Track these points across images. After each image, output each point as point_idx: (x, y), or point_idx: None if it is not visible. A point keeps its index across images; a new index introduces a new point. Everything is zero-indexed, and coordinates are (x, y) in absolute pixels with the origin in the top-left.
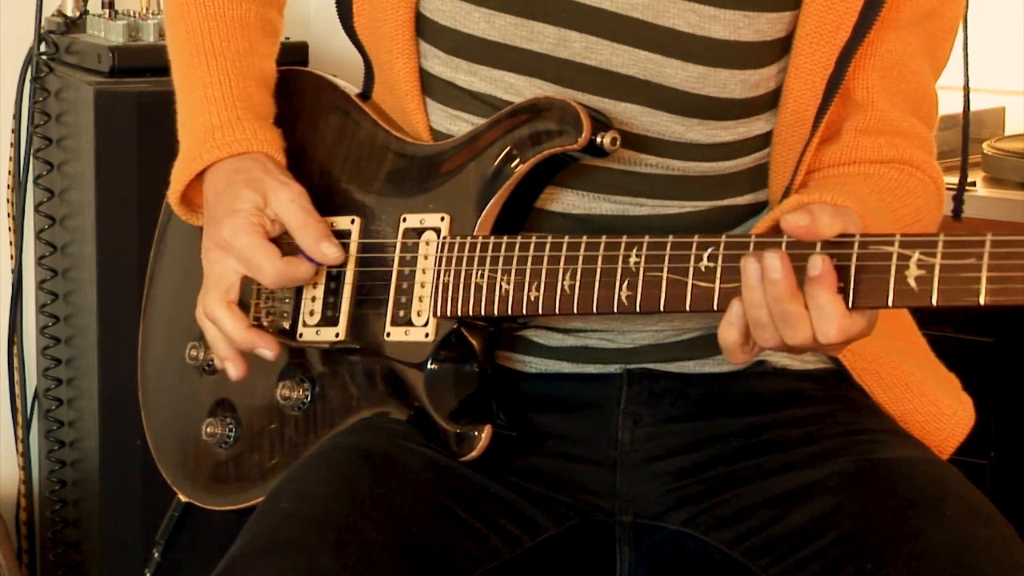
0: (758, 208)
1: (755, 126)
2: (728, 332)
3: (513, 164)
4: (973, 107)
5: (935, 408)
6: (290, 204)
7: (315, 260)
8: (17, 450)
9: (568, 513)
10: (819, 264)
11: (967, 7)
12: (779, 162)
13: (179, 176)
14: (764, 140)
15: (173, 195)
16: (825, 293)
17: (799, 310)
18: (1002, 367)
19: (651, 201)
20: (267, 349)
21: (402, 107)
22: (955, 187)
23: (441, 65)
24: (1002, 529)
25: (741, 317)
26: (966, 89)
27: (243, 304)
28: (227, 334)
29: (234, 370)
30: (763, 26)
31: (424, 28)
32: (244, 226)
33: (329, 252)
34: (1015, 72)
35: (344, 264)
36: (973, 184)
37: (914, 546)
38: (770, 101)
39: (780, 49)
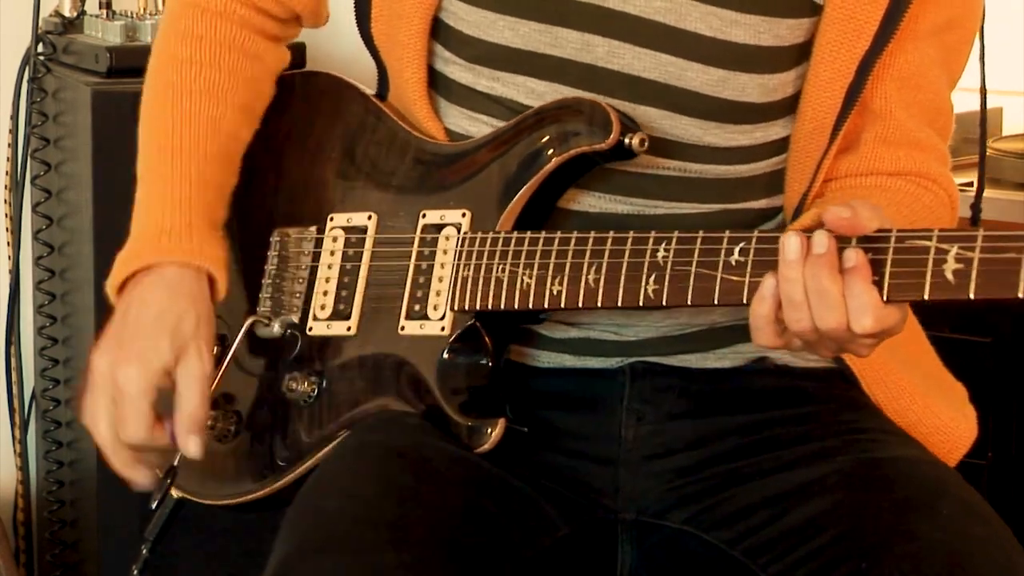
0: (773, 213)
1: (772, 131)
2: (760, 306)
3: (540, 162)
4: (971, 107)
5: (938, 421)
6: (193, 381)
7: (176, 440)
8: (15, 451)
9: (574, 510)
10: (853, 256)
11: (984, 16)
12: (796, 169)
13: (121, 268)
14: (781, 145)
15: (112, 286)
16: (861, 283)
17: (836, 290)
18: (999, 367)
19: (666, 203)
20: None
21: (412, 113)
22: (963, 187)
23: (462, 71)
24: (998, 529)
25: (774, 291)
26: (983, 92)
27: (251, 297)
28: (161, 448)
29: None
30: (783, 31)
31: (446, 36)
32: (139, 385)
33: (190, 446)
34: (1013, 72)
35: (359, 259)
36: (971, 184)
37: (911, 545)
38: (787, 107)
39: (798, 55)
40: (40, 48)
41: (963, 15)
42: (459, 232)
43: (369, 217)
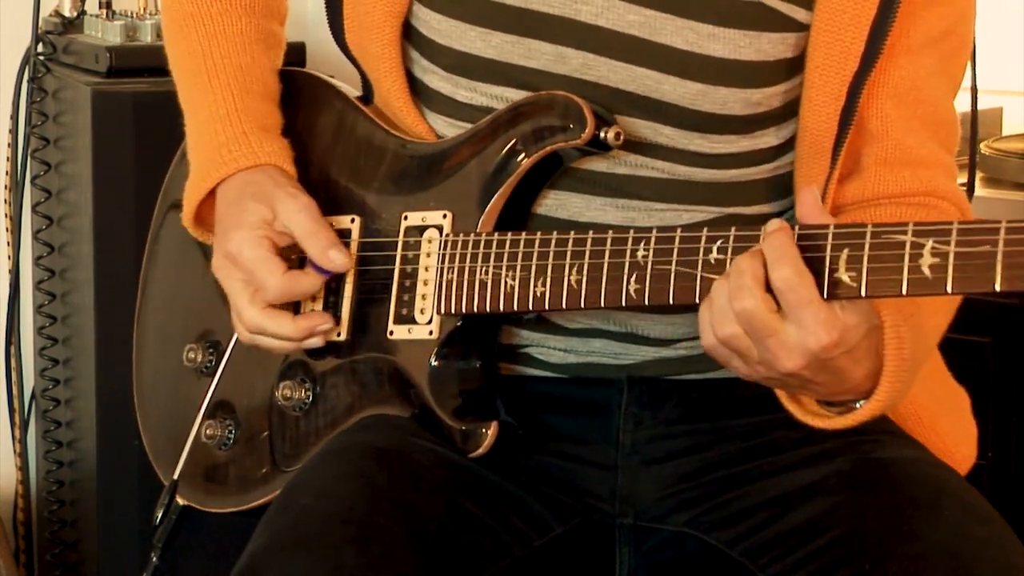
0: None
1: (760, 140)
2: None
3: (517, 160)
4: (967, 107)
5: (942, 444)
6: (297, 214)
7: (322, 269)
8: (15, 450)
9: (571, 513)
10: (776, 222)
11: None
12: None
13: (191, 196)
14: (772, 152)
15: (186, 216)
16: (780, 236)
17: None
18: (999, 367)
19: (659, 206)
20: (326, 325)
21: (400, 120)
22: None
23: (440, 81)
24: (999, 529)
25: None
26: (973, 92)
27: None
28: (281, 336)
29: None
30: (764, 46)
31: (420, 44)
32: (249, 239)
33: (336, 258)
34: (1013, 72)
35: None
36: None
37: (912, 546)
38: (775, 117)
39: (786, 70)
40: (40, 48)
41: (958, 21)
42: (441, 234)
43: (352, 220)
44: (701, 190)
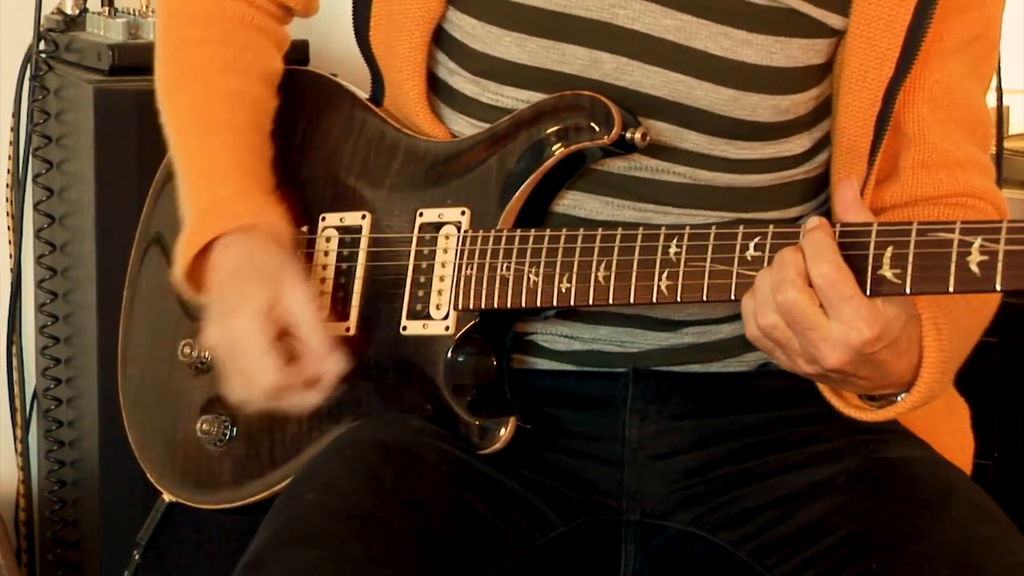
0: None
1: (784, 147)
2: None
3: (542, 157)
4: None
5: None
6: (306, 306)
7: (313, 364)
8: (16, 450)
9: (577, 510)
10: (816, 220)
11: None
12: None
13: (187, 250)
14: (795, 160)
15: (180, 269)
16: (819, 234)
17: (796, 258)
18: (1006, 367)
19: (676, 210)
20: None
21: (414, 122)
22: None
23: (466, 83)
24: (1007, 529)
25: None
26: (999, 92)
27: None
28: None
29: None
30: (795, 52)
31: (450, 47)
32: (252, 324)
33: (334, 362)
34: (1016, 72)
35: (355, 259)
36: None
37: (919, 546)
38: (801, 125)
39: (816, 76)
40: (42, 46)
41: (988, 24)
42: (459, 231)
43: (363, 216)
44: (720, 195)
